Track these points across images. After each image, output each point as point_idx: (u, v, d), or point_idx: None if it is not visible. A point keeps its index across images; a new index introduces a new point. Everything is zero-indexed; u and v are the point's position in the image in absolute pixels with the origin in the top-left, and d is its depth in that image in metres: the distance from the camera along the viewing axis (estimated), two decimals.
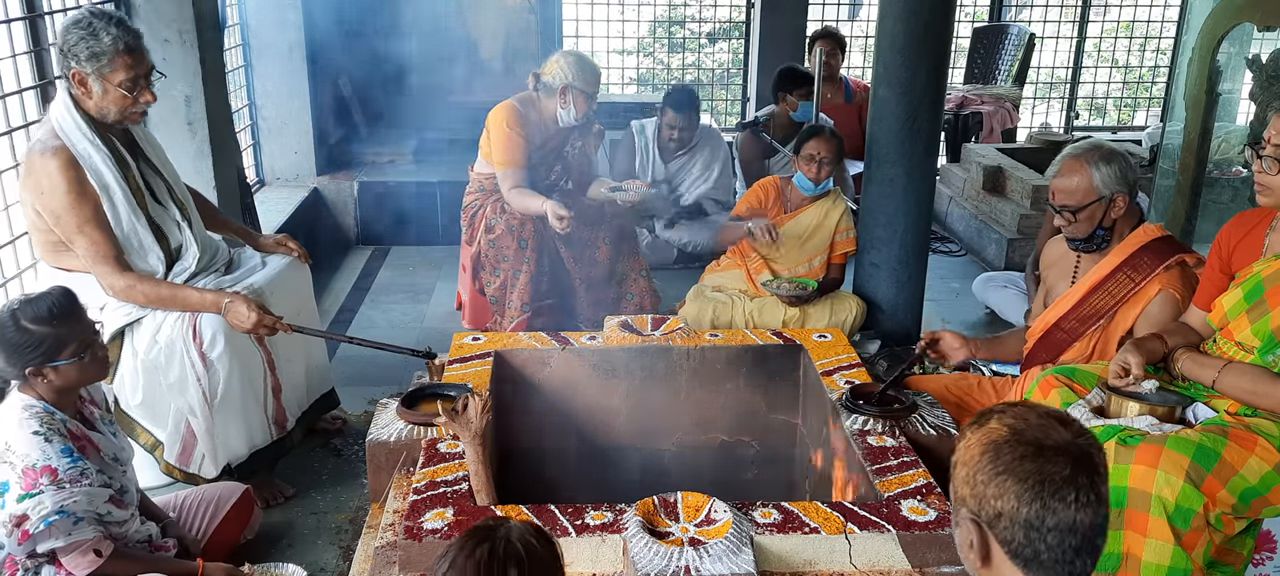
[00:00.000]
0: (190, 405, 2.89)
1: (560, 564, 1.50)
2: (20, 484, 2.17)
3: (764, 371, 3.15)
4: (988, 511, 1.32)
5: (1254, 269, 2.37)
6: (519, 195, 3.88)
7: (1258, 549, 2.32)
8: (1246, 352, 2.35)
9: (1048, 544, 1.29)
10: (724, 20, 8.75)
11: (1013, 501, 1.29)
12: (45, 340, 2.21)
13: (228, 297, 2.85)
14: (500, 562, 1.41)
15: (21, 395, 2.26)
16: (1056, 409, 1.37)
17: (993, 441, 1.34)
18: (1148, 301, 2.70)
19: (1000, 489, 1.31)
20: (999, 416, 1.37)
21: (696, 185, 5.31)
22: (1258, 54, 4.53)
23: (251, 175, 5.45)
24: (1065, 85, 8.46)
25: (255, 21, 5.43)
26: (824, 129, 4.07)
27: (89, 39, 2.69)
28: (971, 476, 1.34)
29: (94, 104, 2.76)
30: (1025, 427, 1.33)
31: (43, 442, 2.20)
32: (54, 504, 2.17)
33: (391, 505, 2.45)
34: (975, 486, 1.34)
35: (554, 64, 3.92)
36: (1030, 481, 1.29)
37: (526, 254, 3.91)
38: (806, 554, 2.10)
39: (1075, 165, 2.75)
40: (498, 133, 3.92)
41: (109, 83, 2.73)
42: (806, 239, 4.08)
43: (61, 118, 2.76)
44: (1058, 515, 1.28)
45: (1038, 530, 1.29)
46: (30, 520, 2.15)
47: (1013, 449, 1.32)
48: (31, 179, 2.73)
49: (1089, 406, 2.38)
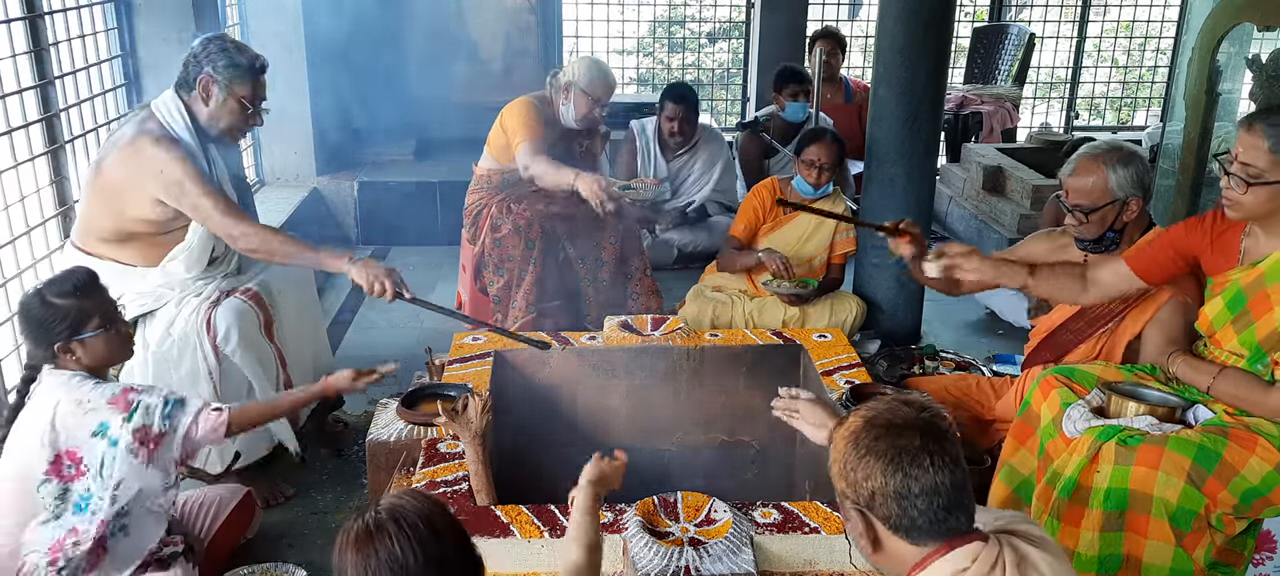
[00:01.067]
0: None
1: (459, 528, 1.48)
2: (118, 411, 2.25)
3: (764, 371, 3.15)
4: (863, 495, 1.45)
5: (1232, 277, 2.35)
6: (544, 165, 3.71)
7: (1258, 549, 2.32)
8: (1238, 359, 2.35)
9: (919, 509, 1.42)
10: (724, 20, 8.75)
11: (880, 478, 1.43)
12: (70, 313, 2.27)
13: (350, 256, 3.00)
14: (372, 530, 1.40)
15: (57, 372, 2.31)
16: (903, 393, 1.49)
17: (851, 431, 1.48)
18: (1158, 307, 2.64)
19: (867, 470, 1.44)
20: (854, 412, 1.52)
21: (698, 184, 5.31)
22: (1258, 54, 4.52)
23: (251, 175, 5.45)
24: (1065, 85, 8.46)
25: (255, 21, 5.43)
26: (825, 133, 4.05)
27: (232, 51, 2.97)
28: (843, 468, 1.48)
29: (209, 111, 2.97)
30: (875, 414, 1.48)
31: (101, 384, 2.30)
32: (158, 397, 2.29)
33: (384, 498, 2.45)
34: (847, 476, 1.47)
35: (570, 63, 3.94)
36: (888, 456, 1.43)
37: (533, 254, 3.89)
38: (806, 554, 2.10)
39: (1092, 165, 2.67)
40: (516, 113, 3.85)
41: (232, 95, 2.97)
42: (807, 239, 4.08)
43: (170, 116, 2.95)
44: (920, 481, 1.41)
45: (907, 498, 1.42)
46: (153, 426, 2.26)
47: (868, 432, 1.46)
48: (144, 161, 2.86)
49: (1089, 406, 2.38)
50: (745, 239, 4.11)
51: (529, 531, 2.12)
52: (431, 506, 1.46)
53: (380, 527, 1.40)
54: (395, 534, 1.39)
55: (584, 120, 3.92)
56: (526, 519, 2.16)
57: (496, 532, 2.11)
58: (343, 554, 1.41)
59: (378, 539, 1.39)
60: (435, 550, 1.40)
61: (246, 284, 3.06)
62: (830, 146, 3.96)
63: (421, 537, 1.40)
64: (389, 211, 5.73)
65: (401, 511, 1.42)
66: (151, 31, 3.98)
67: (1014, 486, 2.52)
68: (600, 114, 3.95)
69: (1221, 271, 2.39)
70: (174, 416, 2.31)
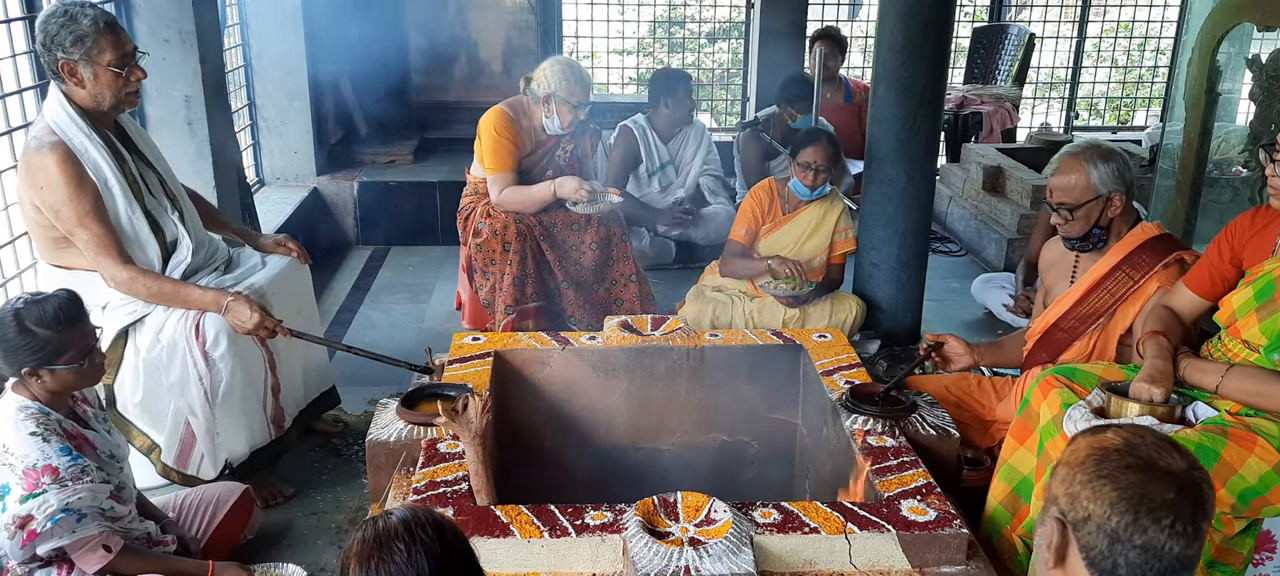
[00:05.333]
0: (191, 405, 2.89)
1: (464, 541, 1.46)
2: (22, 485, 2.16)
3: (764, 371, 3.15)
4: (1077, 512, 1.31)
5: (1265, 268, 2.37)
6: (513, 194, 3.88)
7: (1257, 548, 2.32)
8: (1252, 351, 2.36)
9: (1129, 560, 1.27)
10: (724, 20, 8.75)
11: (1106, 507, 1.28)
12: (47, 343, 2.21)
13: (229, 298, 2.84)
14: (384, 540, 1.36)
15: (15, 396, 2.26)
16: (1172, 442, 1.35)
17: (1103, 446, 1.33)
18: (1146, 299, 2.70)
19: (1096, 492, 1.29)
20: (1117, 430, 1.36)
21: (695, 158, 5.38)
22: (1258, 54, 4.52)
23: (251, 175, 5.45)
24: (1065, 85, 8.46)
25: (255, 21, 5.43)
26: (821, 135, 4.04)
27: (69, 24, 2.69)
28: (1071, 475, 1.33)
29: (88, 92, 2.75)
30: (1140, 443, 1.32)
31: (41, 442, 2.20)
32: (59, 502, 2.17)
33: (391, 505, 2.45)
34: (1072, 485, 1.32)
35: (542, 71, 3.90)
36: (1130, 492, 1.27)
37: (510, 256, 3.90)
38: (806, 554, 2.10)
39: (1073, 163, 2.76)
40: (487, 138, 3.92)
41: (98, 65, 2.71)
42: (805, 240, 4.07)
43: (56, 114, 2.75)
44: (1148, 534, 1.26)
45: (1122, 542, 1.27)
46: (36, 520, 2.15)
47: (1121, 458, 1.30)
48: (30, 176, 2.72)
49: (1089, 407, 2.38)
50: (746, 242, 4.11)
51: (529, 531, 2.12)
52: (440, 518, 1.44)
53: (393, 535, 1.37)
54: (408, 544, 1.36)
55: (569, 126, 3.94)
56: (526, 519, 2.16)
57: (496, 533, 2.11)
58: (354, 564, 1.39)
59: (393, 545, 1.37)
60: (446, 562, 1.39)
61: (236, 286, 3.00)
62: (825, 148, 3.95)
63: (431, 550, 1.37)
64: (389, 211, 5.73)
65: (415, 520, 1.40)
66: (151, 32, 3.97)
67: (1014, 485, 2.53)
68: (582, 116, 3.95)
69: (1256, 263, 2.41)
70: (58, 530, 2.17)
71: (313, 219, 5.57)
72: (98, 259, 2.76)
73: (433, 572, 1.36)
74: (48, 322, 2.21)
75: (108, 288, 2.84)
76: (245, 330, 2.84)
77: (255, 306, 2.83)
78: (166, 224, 2.97)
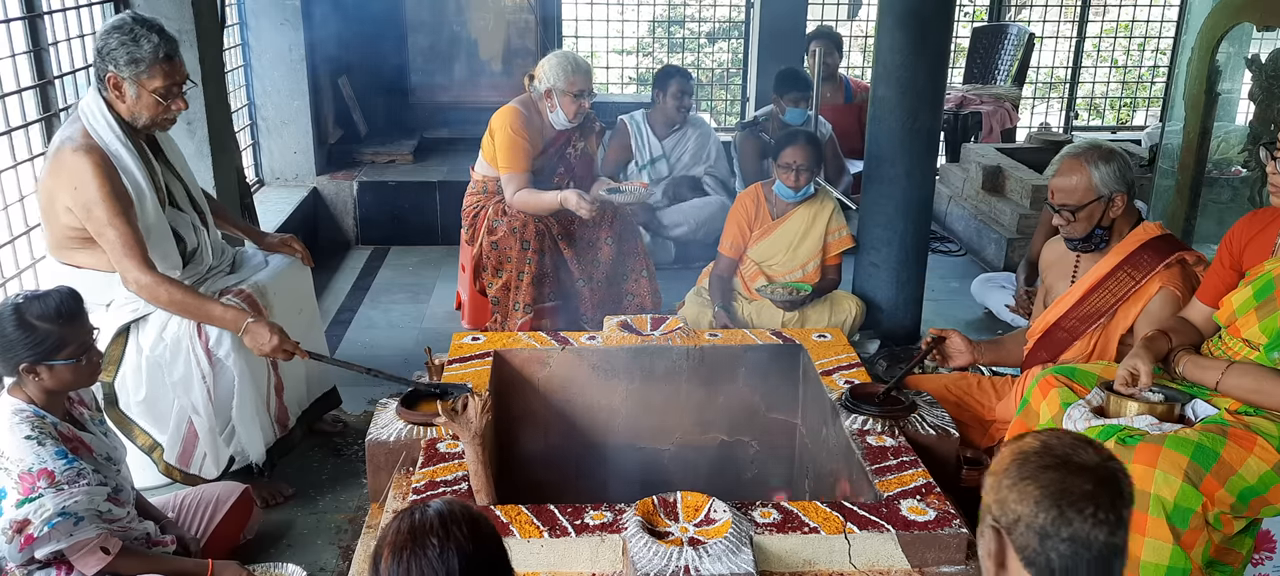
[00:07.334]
0: (194, 404, 2.90)
1: (498, 540, 1.46)
2: (18, 489, 2.16)
3: (764, 371, 3.15)
4: (1008, 516, 1.36)
5: (1265, 267, 2.38)
6: (527, 196, 3.88)
7: (1257, 548, 2.32)
8: (1252, 349, 2.36)
9: (1060, 553, 1.31)
10: (724, 20, 8.75)
11: (1031, 506, 1.33)
12: (47, 338, 2.20)
13: (249, 319, 2.82)
14: (419, 533, 1.37)
15: (10, 399, 2.25)
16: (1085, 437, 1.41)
17: (1022, 451, 1.38)
18: (1148, 299, 2.70)
19: (1021, 494, 1.34)
20: (1035, 434, 1.42)
21: (693, 163, 5.40)
22: (1257, 54, 4.52)
23: (251, 175, 5.45)
24: (1065, 85, 8.47)
25: (255, 21, 5.43)
26: (800, 135, 4.03)
27: (130, 45, 2.72)
28: (998, 482, 1.38)
29: (127, 107, 2.78)
30: (1056, 443, 1.38)
31: (36, 446, 2.19)
32: (55, 505, 2.16)
33: (391, 505, 2.46)
34: (1000, 491, 1.38)
35: (541, 66, 3.92)
36: (1051, 488, 1.32)
37: (529, 255, 3.91)
38: (806, 554, 2.10)
39: (1074, 164, 2.76)
40: (502, 137, 3.91)
41: (144, 89, 2.76)
42: (798, 244, 4.05)
43: (93, 117, 2.77)
44: (1073, 526, 1.31)
45: (1052, 537, 1.31)
46: (33, 524, 2.15)
47: (1040, 458, 1.36)
48: (64, 175, 2.71)
49: (1089, 406, 2.38)
50: (734, 254, 4.09)
51: (529, 531, 2.12)
52: (477, 515, 1.44)
53: (428, 530, 1.37)
54: (442, 540, 1.37)
55: (576, 117, 3.94)
56: (526, 519, 2.16)
57: None
58: (378, 543, 1.39)
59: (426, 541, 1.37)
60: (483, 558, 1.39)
61: (239, 285, 3.01)
62: (805, 148, 3.93)
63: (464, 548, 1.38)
64: (388, 211, 5.73)
65: (451, 516, 1.40)
66: None
67: None
68: (587, 105, 3.96)
69: (1256, 263, 2.42)
70: (55, 533, 2.17)
71: (312, 218, 5.57)
72: (123, 260, 2.76)
73: (463, 571, 1.36)
74: (48, 316, 2.20)
75: (118, 287, 2.83)
76: (263, 352, 2.83)
77: (275, 329, 2.82)
78: (187, 233, 2.99)
